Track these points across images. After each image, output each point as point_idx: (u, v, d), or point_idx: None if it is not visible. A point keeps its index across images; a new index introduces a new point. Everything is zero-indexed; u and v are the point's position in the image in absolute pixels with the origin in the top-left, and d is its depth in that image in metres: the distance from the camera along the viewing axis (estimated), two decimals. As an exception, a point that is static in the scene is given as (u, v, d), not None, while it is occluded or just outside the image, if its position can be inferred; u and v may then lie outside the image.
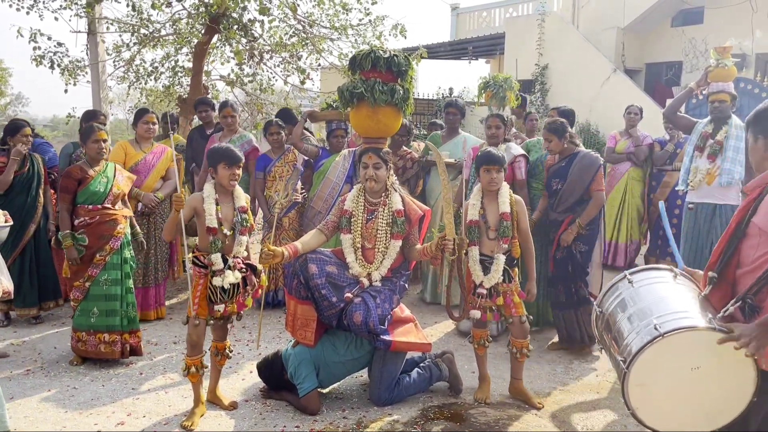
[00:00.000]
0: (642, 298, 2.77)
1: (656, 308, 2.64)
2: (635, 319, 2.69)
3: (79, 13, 8.37)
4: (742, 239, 2.52)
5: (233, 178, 3.80)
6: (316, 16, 9.02)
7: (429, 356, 4.26)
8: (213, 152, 3.85)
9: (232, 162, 3.77)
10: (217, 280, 3.71)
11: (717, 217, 5.07)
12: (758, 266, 2.43)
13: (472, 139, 6.27)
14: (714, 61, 5.24)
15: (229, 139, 5.81)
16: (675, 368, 2.51)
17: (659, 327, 2.48)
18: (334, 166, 5.72)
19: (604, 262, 7.63)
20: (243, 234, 3.85)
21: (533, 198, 5.20)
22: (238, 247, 3.82)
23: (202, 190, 3.84)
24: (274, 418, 3.83)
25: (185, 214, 3.74)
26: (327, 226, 4.13)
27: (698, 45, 14.69)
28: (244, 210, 3.87)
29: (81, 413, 3.83)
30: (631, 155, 7.35)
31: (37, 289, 5.40)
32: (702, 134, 5.20)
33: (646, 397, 2.56)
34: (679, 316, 2.51)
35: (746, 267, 2.49)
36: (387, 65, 4.05)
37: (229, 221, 3.83)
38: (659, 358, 2.50)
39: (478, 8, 20.84)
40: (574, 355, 4.92)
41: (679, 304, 2.63)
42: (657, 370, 2.52)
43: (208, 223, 3.73)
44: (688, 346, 2.46)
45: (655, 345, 2.47)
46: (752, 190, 2.55)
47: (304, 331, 3.96)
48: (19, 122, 5.39)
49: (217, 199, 3.81)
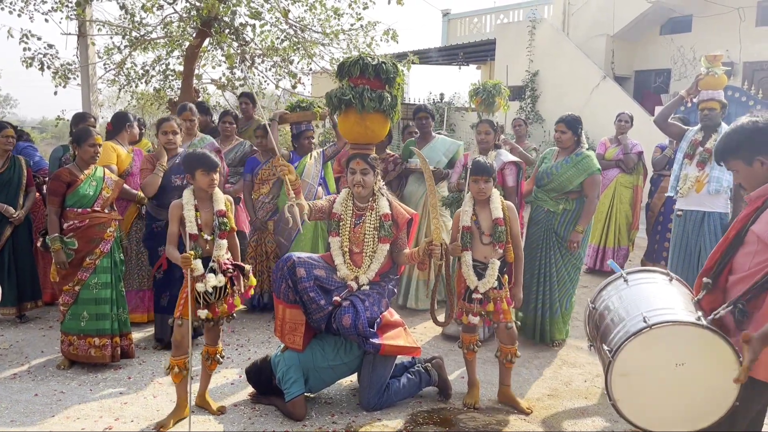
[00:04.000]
0: (635, 296, 2.81)
1: (647, 304, 2.68)
2: (625, 313, 2.73)
3: (70, 15, 8.33)
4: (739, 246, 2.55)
5: (212, 183, 3.80)
6: (308, 21, 9.04)
7: (418, 361, 4.27)
8: (189, 159, 3.84)
9: (210, 168, 3.78)
10: (200, 285, 3.70)
11: (705, 225, 5.11)
12: (753, 273, 2.46)
13: (447, 140, 6.29)
14: (704, 69, 5.28)
15: (189, 143, 5.60)
16: (660, 361, 2.54)
17: (648, 318, 2.52)
18: (307, 168, 5.67)
19: (593, 267, 7.72)
20: (222, 238, 3.84)
21: (537, 209, 5.15)
22: (218, 251, 3.80)
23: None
24: (263, 423, 3.82)
25: (174, 227, 3.81)
26: (315, 205, 4.13)
27: (686, 53, 14.83)
28: (222, 213, 3.86)
29: (68, 418, 3.80)
30: (620, 162, 7.40)
31: (16, 289, 5.41)
32: (692, 142, 5.25)
33: (628, 389, 2.59)
34: (669, 312, 2.55)
35: (740, 273, 2.52)
36: (375, 72, 4.07)
37: (209, 226, 3.83)
38: (645, 349, 2.53)
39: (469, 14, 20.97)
40: (563, 360, 4.93)
41: (671, 302, 2.66)
42: (642, 361, 2.55)
43: (189, 230, 3.73)
44: (674, 340, 2.49)
45: (642, 335, 2.51)
46: (755, 199, 2.57)
47: (292, 335, 3.96)
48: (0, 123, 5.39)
49: (197, 204, 3.81)
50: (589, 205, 5.00)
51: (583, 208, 5.01)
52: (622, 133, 7.39)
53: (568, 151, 5.09)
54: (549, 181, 5.07)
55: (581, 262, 5.20)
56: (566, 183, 4.99)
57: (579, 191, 5.03)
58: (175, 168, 4.94)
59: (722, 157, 2.66)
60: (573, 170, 4.98)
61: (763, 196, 2.53)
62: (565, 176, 4.99)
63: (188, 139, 5.65)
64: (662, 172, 7.22)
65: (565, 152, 5.11)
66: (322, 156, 5.81)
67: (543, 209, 5.10)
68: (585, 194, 5.02)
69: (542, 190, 5.14)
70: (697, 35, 14.70)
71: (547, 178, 5.08)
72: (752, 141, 2.53)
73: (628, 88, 15.87)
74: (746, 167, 2.57)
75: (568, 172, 4.99)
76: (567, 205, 5.03)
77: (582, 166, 4.96)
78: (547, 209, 5.07)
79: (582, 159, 4.98)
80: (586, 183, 4.97)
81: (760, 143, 2.52)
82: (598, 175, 5.02)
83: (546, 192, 5.11)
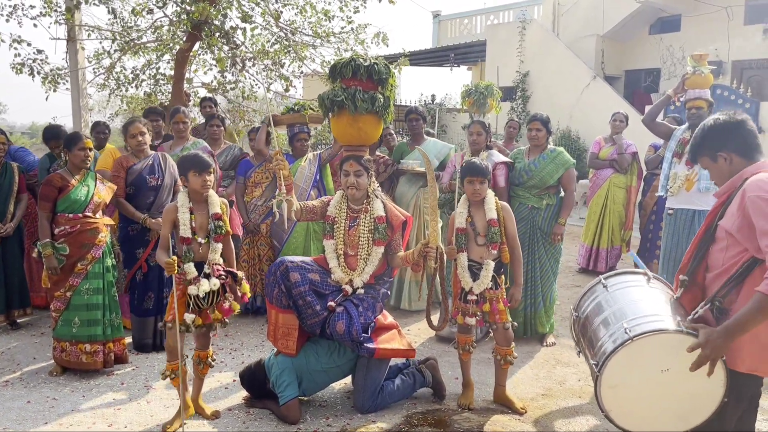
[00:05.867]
0: (615, 302, 2.85)
1: (628, 312, 2.72)
2: (608, 323, 2.78)
3: (59, 20, 8.30)
4: (711, 243, 2.60)
5: (205, 184, 3.78)
6: (299, 24, 9.04)
7: (413, 362, 4.27)
8: (182, 161, 3.83)
9: (202, 168, 3.76)
10: (192, 288, 3.68)
11: (696, 223, 5.12)
12: (726, 269, 2.51)
13: (438, 143, 6.30)
14: (691, 68, 5.32)
15: (182, 147, 5.60)
16: (645, 370, 2.58)
17: (629, 330, 2.56)
18: (300, 171, 5.66)
19: (585, 267, 7.74)
20: (218, 241, 3.82)
21: (520, 206, 5.20)
22: (213, 255, 3.79)
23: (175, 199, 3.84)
24: (257, 426, 3.81)
25: (166, 230, 3.78)
26: (307, 206, 4.12)
27: (676, 52, 14.93)
28: (218, 217, 3.84)
29: (61, 425, 3.78)
30: (614, 162, 7.41)
31: (4, 296, 5.37)
32: (680, 140, 5.28)
33: (618, 399, 2.64)
34: (649, 320, 2.60)
35: (715, 270, 2.57)
36: (368, 73, 4.06)
37: (204, 229, 3.82)
38: (630, 361, 2.57)
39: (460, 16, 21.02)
40: (557, 359, 4.95)
41: (651, 307, 2.71)
42: (628, 372, 2.59)
43: (182, 233, 3.72)
44: (657, 348, 2.53)
45: (626, 348, 2.55)
46: (721, 195, 2.65)
47: (285, 340, 3.95)
48: None
49: (191, 207, 3.79)
50: (569, 197, 5.26)
51: (564, 201, 5.25)
52: (617, 132, 7.41)
53: (541, 148, 5.28)
54: (529, 178, 5.22)
55: (560, 254, 5.40)
56: (547, 178, 5.18)
57: (556, 186, 5.25)
58: (148, 168, 4.97)
59: (693, 156, 2.77)
60: (551, 165, 5.17)
61: (727, 191, 2.60)
62: (545, 171, 5.17)
63: (181, 143, 5.64)
64: (655, 171, 7.22)
65: (537, 150, 5.30)
66: (318, 159, 5.78)
67: (526, 206, 5.22)
68: (563, 188, 5.26)
69: (522, 187, 5.28)
70: (686, 34, 14.80)
71: (527, 176, 5.23)
72: (713, 138, 2.64)
73: (619, 88, 15.96)
74: (712, 163, 2.66)
75: (547, 168, 5.17)
76: (549, 200, 5.23)
77: (559, 161, 5.18)
78: (531, 206, 5.21)
79: (558, 154, 5.21)
80: (564, 177, 5.21)
81: (720, 139, 2.61)
82: (574, 169, 5.24)
83: (527, 189, 5.25)
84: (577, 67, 14.98)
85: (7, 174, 5.32)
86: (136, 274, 5.00)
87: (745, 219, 2.41)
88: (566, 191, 5.26)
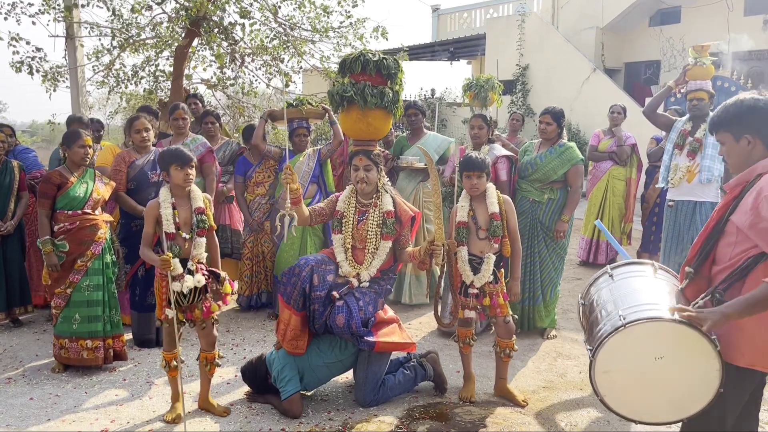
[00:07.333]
0: (618, 291, 2.87)
1: (627, 300, 2.75)
2: (607, 310, 2.80)
3: (57, 17, 8.28)
4: (720, 237, 2.57)
5: (187, 178, 3.75)
6: (297, 19, 9.01)
7: (414, 356, 4.27)
8: (163, 155, 3.80)
9: (184, 162, 3.73)
10: (176, 285, 3.62)
11: (697, 214, 5.13)
12: (734, 264, 2.49)
13: (438, 137, 6.29)
14: (692, 59, 5.30)
15: (181, 143, 5.50)
16: (638, 357, 2.60)
17: (624, 317, 2.58)
18: (298, 167, 5.65)
19: (585, 260, 7.74)
20: (201, 236, 3.79)
21: (521, 199, 5.19)
22: (196, 250, 3.76)
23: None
24: (259, 421, 3.82)
25: (149, 227, 3.77)
26: (315, 210, 4.12)
27: (676, 44, 14.89)
28: (201, 211, 3.81)
29: (64, 421, 3.79)
30: (613, 154, 7.40)
31: (5, 294, 5.38)
32: (681, 132, 5.27)
33: (613, 384, 2.66)
34: (646, 308, 2.61)
35: (722, 264, 2.55)
36: (377, 68, 4.05)
37: (188, 224, 3.79)
38: (623, 347, 2.60)
39: (459, 9, 20.98)
40: (558, 352, 4.95)
41: (651, 296, 2.73)
42: (621, 358, 2.62)
43: (166, 229, 3.69)
44: (651, 336, 2.55)
45: (619, 334, 2.58)
46: (733, 188, 2.58)
47: (296, 341, 3.91)
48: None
49: (174, 203, 3.77)
50: (574, 194, 5.15)
51: (568, 198, 5.15)
52: (616, 125, 7.39)
53: (551, 142, 5.19)
54: (533, 171, 5.15)
55: (565, 251, 5.31)
56: (551, 173, 5.09)
57: (563, 181, 5.15)
58: (150, 164, 4.99)
59: (715, 126, 2.62)
60: (557, 161, 5.08)
61: (741, 184, 2.53)
62: (550, 166, 5.09)
63: (180, 139, 5.63)
64: (657, 164, 7.21)
65: (547, 143, 5.21)
66: (317, 154, 5.77)
67: (528, 200, 5.17)
68: (569, 184, 5.15)
69: (526, 180, 5.22)
70: (686, 26, 14.76)
71: (531, 169, 5.16)
72: (746, 117, 2.50)
73: (619, 80, 15.92)
74: (734, 142, 2.55)
75: (552, 163, 5.09)
76: (552, 195, 5.13)
77: (566, 157, 5.08)
78: (532, 199, 5.15)
79: (565, 150, 5.10)
80: (570, 173, 5.10)
81: (752, 120, 2.48)
82: (582, 165, 5.14)
83: (530, 182, 5.19)
84: (576, 59, 14.95)
85: (7, 171, 5.31)
86: (138, 270, 5.01)
87: (760, 218, 2.36)
88: (572, 188, 5.15)
